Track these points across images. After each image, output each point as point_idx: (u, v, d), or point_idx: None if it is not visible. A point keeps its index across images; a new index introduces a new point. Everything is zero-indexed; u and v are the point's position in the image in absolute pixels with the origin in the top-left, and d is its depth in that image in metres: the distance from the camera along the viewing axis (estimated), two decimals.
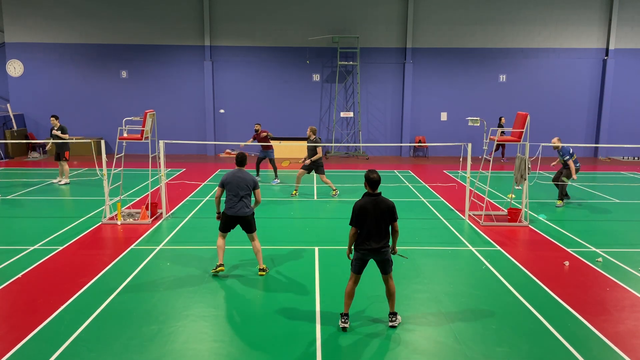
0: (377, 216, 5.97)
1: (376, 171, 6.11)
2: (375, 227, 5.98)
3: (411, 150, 22.71)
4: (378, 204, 5.99)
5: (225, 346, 5.83)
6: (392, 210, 6.06)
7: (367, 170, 6.12)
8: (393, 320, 6.31)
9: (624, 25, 21.60)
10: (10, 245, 9.25)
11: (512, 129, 11.12)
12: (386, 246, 6.12)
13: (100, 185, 13.09)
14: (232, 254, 8.90)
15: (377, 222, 5.98)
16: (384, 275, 6.28)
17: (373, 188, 6.05)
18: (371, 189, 6.06)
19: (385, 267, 6.21)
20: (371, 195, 6.05)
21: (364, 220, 5.96)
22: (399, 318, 6.40)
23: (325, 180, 13.62)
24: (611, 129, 22.05)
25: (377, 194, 6.07)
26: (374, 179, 6.01)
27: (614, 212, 12.33)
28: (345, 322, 6.18)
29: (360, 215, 5.97)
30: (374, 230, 5.99)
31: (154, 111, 11.44)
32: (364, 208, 5.96)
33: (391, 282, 6.29)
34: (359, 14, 21.63)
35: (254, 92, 22.13)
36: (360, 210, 5.97)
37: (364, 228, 5.99)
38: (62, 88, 21.79)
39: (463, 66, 21.99)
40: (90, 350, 5.66)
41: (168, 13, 21.49)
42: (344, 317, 6.21)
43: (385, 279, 6.29)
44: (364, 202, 6.00)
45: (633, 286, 7.61)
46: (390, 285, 6.28)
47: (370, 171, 6.09)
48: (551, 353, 5.71)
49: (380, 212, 5.98)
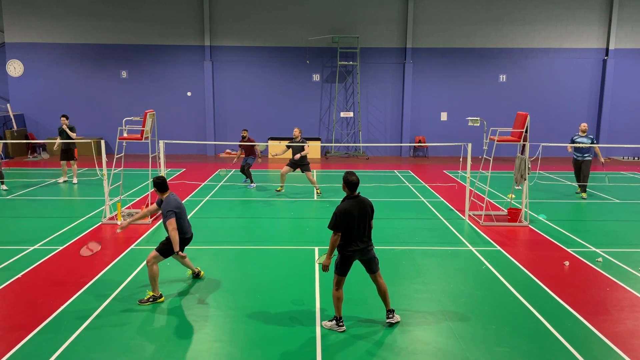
0: (362, 217, 5.97)
1: (355, 173, 6.05)
2: (361, 227, 5.98)
3: (411, 150, 22.71)
4: (362, 205, 5.99)
5: (225, 346, 5.83)
6: (373, 208, 6.12)
7: (346, 173, 6.04)
8: (391, 317, 6.30)
9: (624, 25, 21.61)
10: (10, 245, 9.25)
11: (510, 130, 11.12)
12: (371, 245, 6.12)
13: (100, 185, 13.09)
14: (227, 253, 8.90)
15: (362, 223, 5.98)
16: (372, 275, 6.25)
17: (353, 190, 6.02)
18: (351, 191, 6.02)
19: (371, 266, 6.19)
20: (352, 198, 6.01)
21: (350, 223, 5.88)
22: (397, 316, 6.39)
23: (310, 178, 13.60)
24: (611, 129, 22.05)
25: (357, 194, 6.05)
26: (353, 181, 5.98)
27: (614, 212, 12.33)
28: (342, 325, 6.16)
29: (345, 219, 5.86)
30: (360, 231, 5.97)
31: (153, 111, 11.44)
32: (349, 212, 5.87)
33: (381, 280, 6.26)
34: (359, 14, 21.63)
35: (254, 92, 22.13)
36: (345, 215, 5.86)
37: (350, 231, 5.91)
38: (62, 88, 21.80)
39: (463, 66, 21.99)
40: (90, 351, 5.66)
41: (168, 13, 21.50)
42: (340, 321, 6.16)
43: (374, 278, 6.25)
44: (348, 206, 5.90)
45: (633, 286, 7.61)
46: (381, 284, 6.26)
47: (349, 173, 6.02)
48: (551, 353, 5.71)
49: (365, 212, 6.00)
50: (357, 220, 5.92)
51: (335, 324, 6.15)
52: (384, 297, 6.31)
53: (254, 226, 10.89)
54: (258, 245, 9.57)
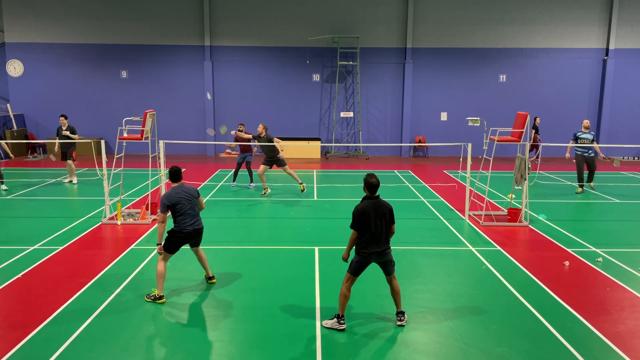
0: (378, 219, 6.05)
1: (375, 175, 6.18)
2: (377, 229, 6.04)
3: (411, 150, 22.72)
4: (379, 207, 6.10)
5: (225, 346, 5.84)
6: (391, 212, 6.20)
7: (367, 175, 6.20)
8: (401, 319, 6.34)
9: (624, 25, 21.61)
10: (10, 245, 9.25)
11: (509, 130, 11.13)
12: (388, 248, 6.18)
13: (100, 185, 13.09)
14: (227, 253, 8.90)
15: (378, 225, 6.05)
16: (387, 277, 6.34)
17: (372, 192, 6.16)
18: (370, 193, 6.17)
19: (388, 268, 6.26)
20: (371, 199, 6.15)
21: (366, 223, 6.01)
22: (406, 317, 6.43)
23: (289, 172, 13.51)
24: (611, 129, 22.05)
25: (377, 197, 6.19)
26: (373, 183, 6.12)
27: (614, 212, 12.33)
28: (343, 323, 6.18)
29: (361, 218, 6.01)
30: (376, 233, 6.04)
31: (154, 111, 11.44)
32: (365, 212, 6.02)
33: (395, 282, 6.35)
34: (359, 14, 21.64)
35: (254, 92, 22.13)
36: (361, 214, 6.02)
37: (366, 231, 6.02)
38: (62, 88, 21.80)
39: (463, 66, 21.99)
40: (90, 350, 5.66)
41: (168, 13, 21.50)
42: (341, 319, 6.20)
43: (389, 280, 6.35)
44: (364, 206, 6.06)
45: (633, 286, 7.61)
46: (395, 285, 6.35)
47: (370, 175, 6.17)
48: (551, 353, 5.71)
49: (381, 214, 6.09)
50: (374, 221, 6.02)
51: (337, 321, 6.19)
52: (396, 299, 6.39)
53: (254, 226, 10.89)
54: (258, 245, 9.57)
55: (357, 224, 6.04)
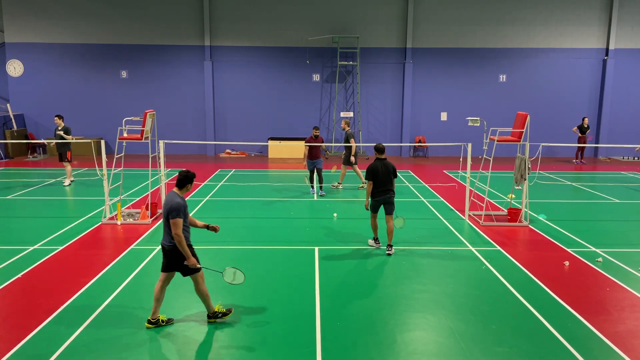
0: (385, 173, 8.69)
1: (381, 143, 9.17)
2: (384, 179, 8.66)
3: (411, 150, 22.71)
4: (386, 165, 8.77)
5: (225, 346, 5.83)
6: (394, 169, 8.87)
7: (376, 144, 8.88)
8: (390, 250, 8.83)
9: (624, 25, 21.60)
10: (10, 245, 9.25)
11: (509, 130, 11.12)
12: (392, 194, 8.78)
13: (100, 185, 13.09)
14: (227, 253, 8.90)
15: (385, 177, 8.68)
16: (387, 216, 8.85)
17: (380, 153, 8.87)
18: (379, 154, 8.87)
19: (389, 209, 8.82)
20: (379, 159, 8.78)
21: (376, 175, 8.63)
22: (393, 249, 8.91)
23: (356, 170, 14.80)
24: (611, 129, 22.04)
25: (384, 158, 8.84)
26: (379, 147, 8.89)
27: (614, 212, 12.33)
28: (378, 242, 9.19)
29: (373, 172, 8.65)
30: (383, 182, 8.66)
31: (153, 111, 11.44)
32: (375, 168, 8.68)
33: (391, 222, 8.83)
34: (359, 14, 21.63)
35: (254, 92, 22.12)
36: (373, 169, 8.68)
37: (377, 181, 8.63)
38: (62, 88, 21.79)
39: (463, 66, 21.98)
40: (89, 351, 5.66)
41: (168, 13, 21.49)
42: (377, 240, 9.18)
43: (387, 219, 8.85)
44: (375, 164, 8.73)
45: (633, 286, 7.61)
46: (390, 225, 8.84)
47: (378, 143, 8.88)
48: (551, 353, 5.71)
49: (387, 170, 8.73)
50: (381, 175, 8.67)
51: (374, 242, 9.19)
52: (389, 236, 8.84)
53: (254, 226, 10.89)
54: (258, 245, 9.57)
55: (371, 176, 8.66)
